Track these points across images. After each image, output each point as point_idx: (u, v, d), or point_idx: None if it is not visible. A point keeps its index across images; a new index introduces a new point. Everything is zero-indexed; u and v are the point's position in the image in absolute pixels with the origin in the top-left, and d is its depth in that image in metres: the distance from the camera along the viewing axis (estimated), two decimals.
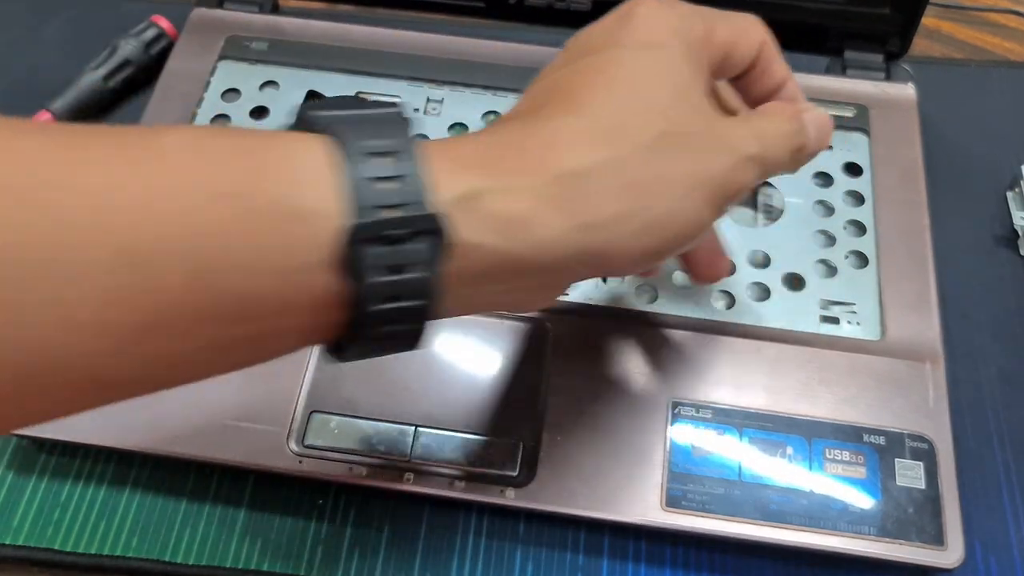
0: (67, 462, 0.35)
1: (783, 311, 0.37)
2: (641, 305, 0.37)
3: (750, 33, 0.28)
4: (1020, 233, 0.42)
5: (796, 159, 0.29)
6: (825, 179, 0.41)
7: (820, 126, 0.29)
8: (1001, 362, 0.38)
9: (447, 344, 0.36)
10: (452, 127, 0.42)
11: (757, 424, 0.34)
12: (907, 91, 0.43)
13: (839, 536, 0.32)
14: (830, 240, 0.39)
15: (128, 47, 0.46)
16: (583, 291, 0.37)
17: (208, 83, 0.43)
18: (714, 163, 0.25)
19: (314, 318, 0.21)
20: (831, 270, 0.38)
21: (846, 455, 0.33)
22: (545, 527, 0.34)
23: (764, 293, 0.37)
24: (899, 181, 0.40)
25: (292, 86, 0.43)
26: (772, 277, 0.38)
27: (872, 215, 0.39)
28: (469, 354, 0.35)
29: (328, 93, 0.43)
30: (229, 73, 0.44)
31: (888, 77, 0.44)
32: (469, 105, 0.43)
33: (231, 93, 0.43)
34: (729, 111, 0.29)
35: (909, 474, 0.33)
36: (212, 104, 0.43)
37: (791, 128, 0.28)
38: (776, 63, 0.29)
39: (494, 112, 0.43)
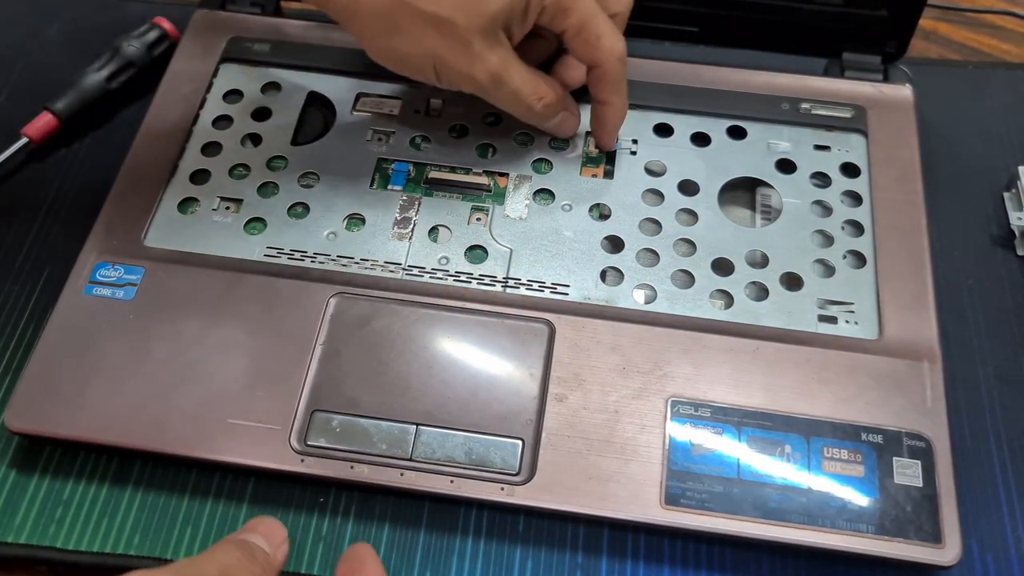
0: (69, 460, 0.35)
1: (781, 310, 0.37)
2: (640, 305, 0.37)
3: (592, 48, 0.37)
4: (1017, 233, 0.42)
5: (527, 116, 0.39)
6: (823, 179, 0.41)
7: (562, 123, 0.40)
8: (998, 361, 0.39)
9: (448, 343, 0.36)
10: (452, 128, 0.43)
11: (756, 423, 0.34)
12: (904, 92, 0.43)
13: (837, 534, 0.32)
14: (828, 240, 0.39)
15: (130, 48, 0.47)
16: (583, 291, 0.37)
17: (210, 84, 0.43)
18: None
19: None
20: (829, 270, 0.38)
21: (844, 453, 0.33)
22: (545, 524, 0.34)
23: (762, 293, 0.38)
24: (897, 181, 0.40)
25: (294, 88, 0.44)
26: (770, 277, 0.38)
27: (870, 215, 0.40)
28: (469, 353, 0.36)
29: (330, 95, 0.43)
30: (231, 75, 0.44)
31: (886, 78, 0.44)
32: (469, 106, 0.43)
33: (233, 95, 0.43)
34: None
35: (907, 472, 0.33)
36: (214, 106, 0.43)
37: (534, 95, 0.38)
38: (607, 88, 0.39)
39: (493, 114, 0.43)
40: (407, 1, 0.34)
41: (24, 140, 0.44)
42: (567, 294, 0.37)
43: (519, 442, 0.34)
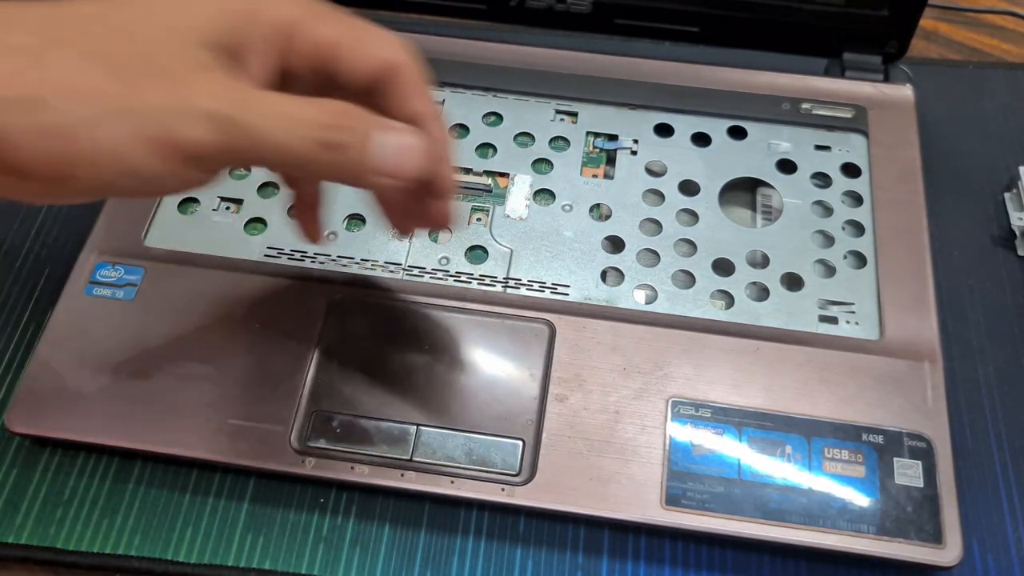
0: (70, 461, 0.35)
1: (782, 311, 0.37)
2: (641, 305, 0.37)
3: (373, 48, 0.28)
4: (1017, 233, 0.42)
5: (327, 158, 0.25)
6: (824, 180, 0.41)
7: (399, 148, 0.26)
8: (999, 361, 0.39)
9: (448, 343, 0.36)
10: (453, 127, 0.42)
11: (756, 423, 0.34)
12: (905, 92, 0.43)
13: (838, 534, 0.32)
14: (828, 240, 0.39)
15: None
16: (584, 291, 0.37)
17: None
18: (154, 101, 0.24)
19: None
20: (830, 270, 0.38)
21: (845, 454, 0.33)
22: (545, 525, 0.34)
23: (763, 293, 0.38)
24: (897, 182, 0.40)
25: None
26: (771, 277, 0.38)
27: (870, 215, 0.40)
28: (470, 353, 0.36)
29: None
30: None
31: (886, 78, 0.44)
32: (469, 106, 0.43)
33: None
34: None
35: (908, 473, 0.33)
36: None
37: (318, 119, 0.25)
38: (416, 96, 0.28)
39: (495, 113, 0.43)
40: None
41: None
42: (567, 294, 0.37)
43: (519, 442, 0.34)
